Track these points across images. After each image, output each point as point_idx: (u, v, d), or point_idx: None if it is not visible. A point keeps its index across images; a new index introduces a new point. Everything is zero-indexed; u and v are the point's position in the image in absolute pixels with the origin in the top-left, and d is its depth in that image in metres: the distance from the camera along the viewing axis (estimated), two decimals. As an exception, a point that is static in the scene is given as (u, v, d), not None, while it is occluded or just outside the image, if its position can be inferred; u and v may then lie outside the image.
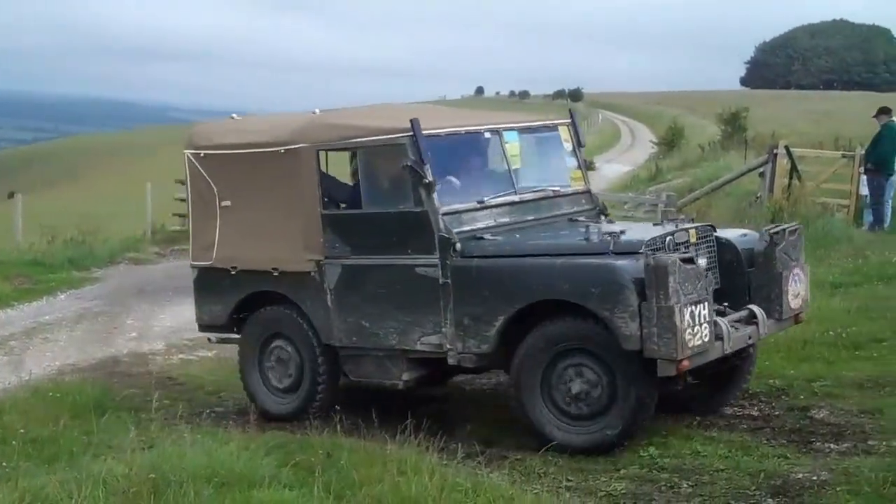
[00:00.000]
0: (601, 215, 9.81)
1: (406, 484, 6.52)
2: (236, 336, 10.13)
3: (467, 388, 10.31)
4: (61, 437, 8.86)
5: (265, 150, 9.50)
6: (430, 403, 9.71)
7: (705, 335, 7.73)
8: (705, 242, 8.78)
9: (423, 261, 8.67)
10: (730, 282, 8.80)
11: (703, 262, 8.21)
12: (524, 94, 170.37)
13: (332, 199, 9.46)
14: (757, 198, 21.66)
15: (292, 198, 9.39)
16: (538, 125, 10.08)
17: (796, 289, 8.83)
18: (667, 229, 8.56)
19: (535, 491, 6.77)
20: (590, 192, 9.99)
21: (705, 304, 7.75)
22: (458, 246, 8.50)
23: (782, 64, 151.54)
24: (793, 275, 8.75)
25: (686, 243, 8.47)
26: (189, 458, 7.01)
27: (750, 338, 8.39)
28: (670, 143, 50.16)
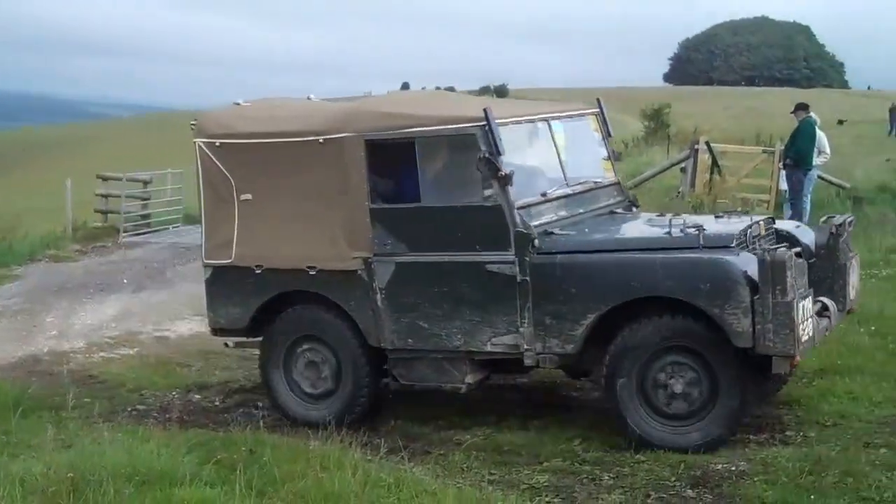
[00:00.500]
0: (633, 207, 9.61)
1: (329, 480, 6.52)
2: (249, 340, 9.57)
3: (390, 384, 10.19)
4: (-21, 437, 8.69)
5: (298, 139, 8.80)
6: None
7: (810, 330, 7.63)
8: (771, 235, 8.59)
9: (497, 257, 8.20)
10: None
11: None
12: (450, 90, 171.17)
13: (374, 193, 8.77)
14: (678, 193, 21.90)
15: (333, 191, 8.71)
16: (576, 114, 9.68)
17: (854, 280, 8.82)
18: (741, 222, 8.39)
19: (458, 485, 6.79)
20: (619, 184, 9.81)
21: (809, 298, 7.69)
22: (537, 242, 8.10)
23: (705, 60, 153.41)
24: (852, 266, 8.70)
25: (759, 236, 8.30)
26: (108, 456, 6.94)
27: (826, 330, 8.28)
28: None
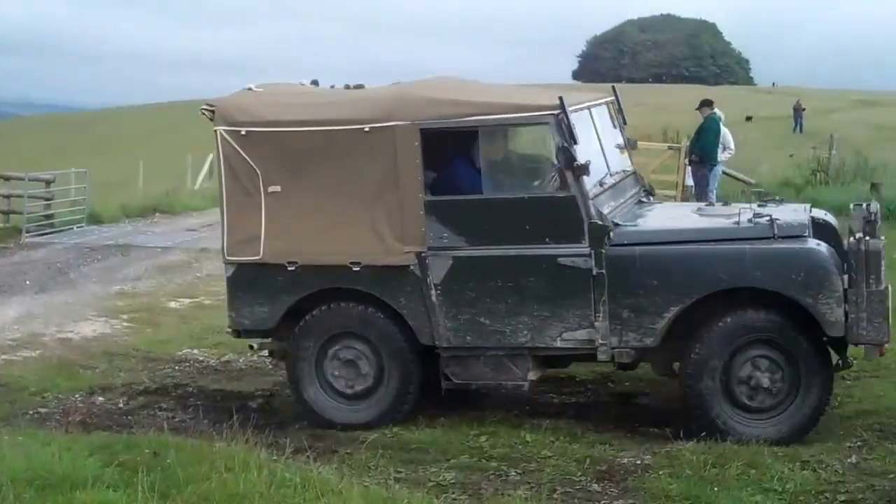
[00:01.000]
0: (649, 196, 9.57)
1: (234, 480, 6.43)
2: (271, 343, 9.11)
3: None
4: None
5: (340, 127, 8.36)
6: (256, 399, 9.63)
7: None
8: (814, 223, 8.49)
9: (569, 250, 7.98)
10: None
11: None
12: (360, 88, 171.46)
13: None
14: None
15: (380, 182, 8.33)
16: (601, 102, 9.41)
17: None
18: (802, 210, 8.52)
19: (365, 484, 6.75)
20: (636, 173, 9.73)
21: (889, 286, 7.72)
22: (612, 234, 7.94)
23: (613, 58, 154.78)
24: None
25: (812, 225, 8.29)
26: (8, 460, 6.76)
27: None
28: (504, 135, 50.63)
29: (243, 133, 8.50)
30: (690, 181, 20.24)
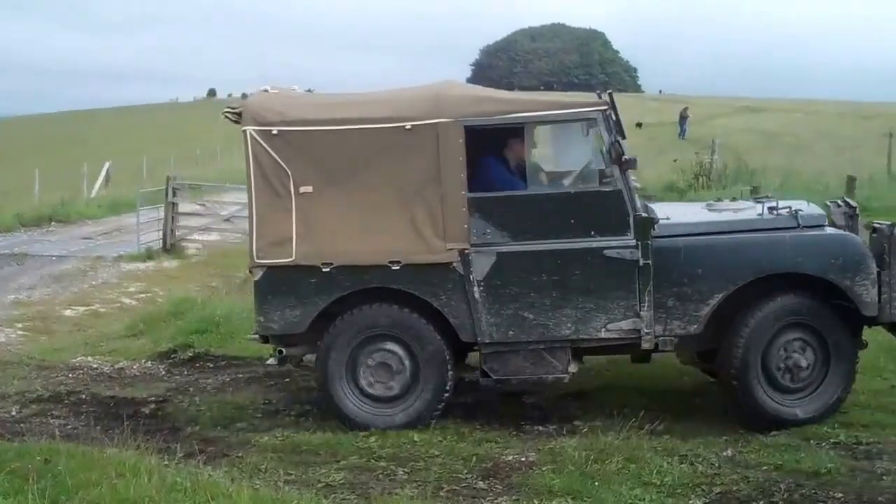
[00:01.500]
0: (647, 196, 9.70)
1: (124, 486, 6.47)
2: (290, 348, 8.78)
3: (191, 388, 10.27)
4: None
5: (379, 125, 8.30)
6: (149, 405, 9.62)
7: None
8: None
9: (616, 242, 8.19)
10: None
11: None
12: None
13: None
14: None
15: (421, 180, 8.28)
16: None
17: None
18: (806, 204, 8.94)
19: (255, 486, 6.83)
20: None
21: None
22: (657, 227, 8.21)
23: (505, 66, 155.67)
24: None
25: None
26: None
27: None
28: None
29: (274, 133, 8.37)
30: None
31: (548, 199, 8.41)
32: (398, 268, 8.31)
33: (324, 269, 8.35)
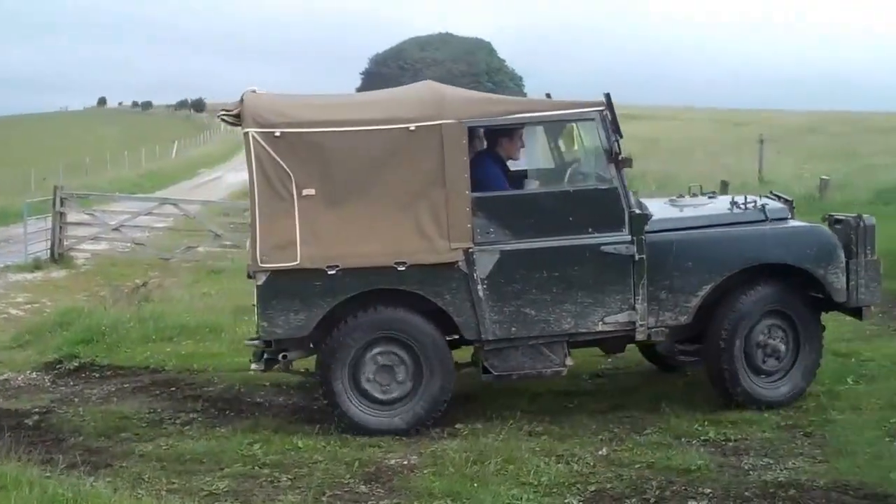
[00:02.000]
0: None
1: (5, 498, 6.44)
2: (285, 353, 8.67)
3: (76, 399, 10.19)
4: None
5: (383, 127, 8.30)
6: (32, 416, 9.51)
7: None
8: None
9: (612, 238, 8.47)
10: None
11: None
12: (147, 105, 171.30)
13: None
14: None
15: (425, 181, 8.32)
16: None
17: None
18: (772, 198, 9.60)
19: (137, 496, 6.85)
20: None
21: None
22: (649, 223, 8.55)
23: (394, 75, 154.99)
24: None
25: None
26: None
27: None
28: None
29: (277, 134, 8.24)
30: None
31: (549, 197, 8.66)
32: (404, 269, 8.34)
33: (329, 272, 8.32)
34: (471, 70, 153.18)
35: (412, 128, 8.28)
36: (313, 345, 8.70)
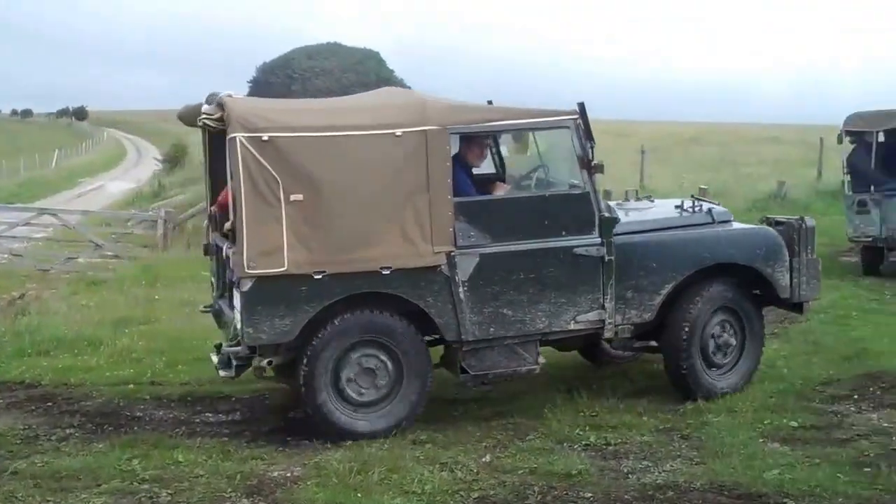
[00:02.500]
0: None
1: None
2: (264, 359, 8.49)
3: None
4: None
5: (370, 132, 8.31)
6: None
7: None
8: None
9: (585, 241, 8.82)
10: None
11: None
12: (27, 113, 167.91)
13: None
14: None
15: (410, 186, 8.37)
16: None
17: None
18: (714, 202, 10.28)
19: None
20: None
21: None
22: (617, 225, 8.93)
23: (282, 83, 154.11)
24: None
25: None
26: None
27: None
28: (174, 160, 50.45)
29: (265, 139, 8.09)
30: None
31: (525, 202, 8.94)
32: (388, 273, 8.38)
33: (316, 277, 8.25)
34: (360, 80, 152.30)
35: (399, 133, 8.36)
36: (288, 350, 8.59)
